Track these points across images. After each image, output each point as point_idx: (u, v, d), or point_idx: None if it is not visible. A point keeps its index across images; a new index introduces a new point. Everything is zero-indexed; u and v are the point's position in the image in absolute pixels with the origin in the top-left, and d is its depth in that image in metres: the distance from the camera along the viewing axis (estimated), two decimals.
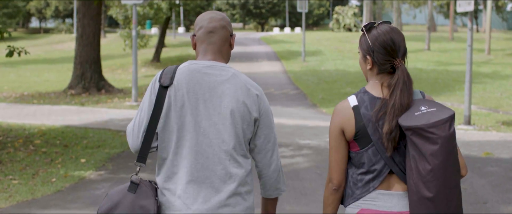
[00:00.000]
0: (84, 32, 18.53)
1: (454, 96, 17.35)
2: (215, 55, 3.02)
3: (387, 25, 2.92)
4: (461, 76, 23.43)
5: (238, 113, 2.91)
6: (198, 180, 2.91)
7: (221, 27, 3.05)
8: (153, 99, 2.94)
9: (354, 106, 2.85)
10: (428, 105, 2.76)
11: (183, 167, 2.92)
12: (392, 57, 2.84)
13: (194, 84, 2.93)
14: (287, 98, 17.73)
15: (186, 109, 2.92)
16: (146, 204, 2.88)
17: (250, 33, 60.06)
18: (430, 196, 2.67)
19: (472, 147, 10.16)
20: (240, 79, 2.97)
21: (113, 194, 2.94)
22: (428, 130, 2.65)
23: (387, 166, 2.83)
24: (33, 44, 50.73)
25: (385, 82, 2.85)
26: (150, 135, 2.93)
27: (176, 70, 2.98)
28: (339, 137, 2.89)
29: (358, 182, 2.89)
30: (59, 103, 16.69)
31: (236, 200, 2.93)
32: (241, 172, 2.95)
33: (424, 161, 2.67)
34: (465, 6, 12.50)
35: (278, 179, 3.06)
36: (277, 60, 32.10)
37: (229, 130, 2.91)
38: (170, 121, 2.93)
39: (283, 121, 13.09)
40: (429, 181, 2.66)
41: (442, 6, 65.76)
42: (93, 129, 12.15)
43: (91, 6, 18.39)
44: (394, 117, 2.76)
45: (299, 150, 9.92)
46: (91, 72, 18.77)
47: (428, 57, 34.02)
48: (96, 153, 9.82)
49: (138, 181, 2.93)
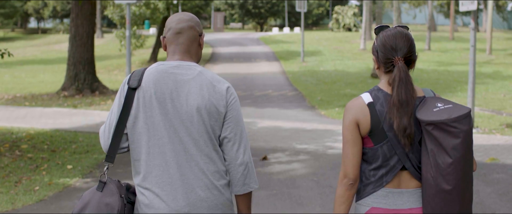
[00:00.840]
0: (77, 32, 18.11)
1: (456, 98, 16.93)
2: (183, 55, 3.08)
3: (395, 29, 3.01)
4: (463, 77, 23.03)
5: (204, 110, 2.96)
6: (174, 177, 2.95)
7: (189, 27, 3.11)
8: (122, 101, 3.00)
9: (369, 102, 2.92)
10: (444, 102, 2.85)
11: (157, 166, 2.96)
12: (392, 55, 2.93)
13: (161, 85, 2.99)
14: (285, 99, 17.32)
15: (155, 109, 2.97)
16: (111, 202, 2.94)
17: (249, 33, 59.65)
18: (449, 189, 2.75)
19: (476, 152, 9.75)
20: (205, 76, 3.03)
21: (85, 194, 3.02)
22: (451, 124, 2.73)
23: (400, 162, 2.89)
24: (30, 44, 50.36)
25: (390, 80, 2.94)
26: (118, 136, 3.00)
27: (144, 72, 3.05)
28: (355, 130, 2.92)
29: (370, 177, 2.94)
30: (51, 105, 16.28)
31: (213, 194, 2.98)
32: (215, 167, 3.00)
33: (444, 154, 2.74)
34: (468, 5, 12.09)
35: (246, 174, 3.03)
36: (276, 61, 31.69)
37: (197, 127, 2.96)
38: (139, 122, 2.98)
39: (280, 124, 12.68)
40: (449, 174, 2.74)
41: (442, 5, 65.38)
42: (83, 132, 11.75)
43: (85, 6, 17.98)
44: (401, 113, 2.84)
45: (296, 156, 9.51)
46: (84, 73, 18.34)
47: (429, 57, 33.61)
48: (84, 158, 9.42)
49: (105, 180, 3.01)
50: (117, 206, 2.94)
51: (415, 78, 22.34)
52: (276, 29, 61.69)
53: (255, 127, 12.44)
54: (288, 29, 60.83)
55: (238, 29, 72.95)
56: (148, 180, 2.98)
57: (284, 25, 68.68)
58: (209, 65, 29.61)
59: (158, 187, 2.96)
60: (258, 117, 13.94)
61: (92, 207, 2.95)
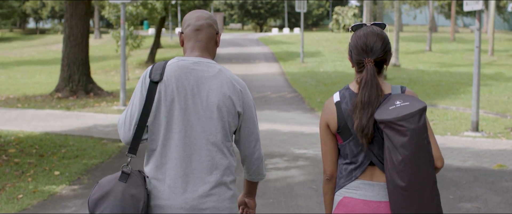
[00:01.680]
0: (71, 32, 17.70)
1: (459, 100, 16.52)
2: (201, 51, 3.16)
3: (368, 28, 3.04)
4: (465, 78, 22.62)
5: (224, 107, 3.06)
6: (187, 170, 3.05)
7: (208, 25, 3.18)
8: (144, 93, 3.07)
9: (337, 101, 3.03)
10: (403, 99, 2.89)
11: (171, 158, 3.06)
12: (363, 57, 2.98)
13: (183, 80, 3.06)
14: (284, 101, 16.90)
15: (175, 103, 3.05)
16: (137, 193, 2.99)
17: (248, 34, 59.24)
18: (403, 185, 2.81)
19: (482, 157, 9.34)
20: (225, 74, 3.11)
21: (104, 183, 3.04)
22: (397, 123, 2.80)
23: (366, 158, 2.98)
24: (28, 45, 49.96)
25: (358, 79, 3.02)
26: (141, 128, 3.08)
27: (165, 66, 3.11)
28: (326, 130, 3.08)
29: (343, 171, 3.06)
30: (44, 107, 15.87)
31: (221, 190, 3.09)
32: (226, 162, 3.12)
33: (396, 152, 2.81)
34: (473, 4, 11.69)
35: (260, 166, 3.27)
36: (275, 62, 31.29)
37: (216, 123, 3.06)
38: (160, 115, 3.07)
39: (278, 128, 12.27)
40: (401, 171, 2.80)
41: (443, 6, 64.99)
42: (74, 136, 11.34)
43: (79, 6, 17.57)
44: (362, 114, 2.92)
45: (294, 161, 9.09)
46: (79, 75, 17.91)
47: (430, 58, 33.22)
48: (73, 164, 9.01)
49: (129, 171, 3.05)
50: (143, 198, 3.00)
51: (417, 80, 21.97)
52: (276, 29, 61.29)
53: None
54: (287, 30, 60.42)
55: (238, 30, 72.52)
56: (161, 171, 3.07)
57: (284, 26, 68.26)
58: None
59: (170, 179, 3.05)
60: None
61: (116, 198, 2.99)
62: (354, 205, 3.01)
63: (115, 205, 2.98)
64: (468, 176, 8.09)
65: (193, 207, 3.06)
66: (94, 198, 3.02)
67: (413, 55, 35.08)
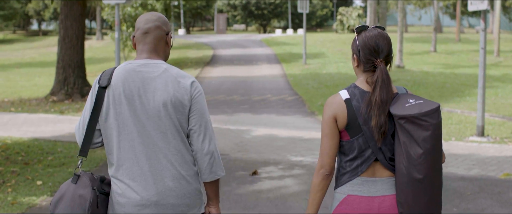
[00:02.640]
0: (66, 34, 17.30)
1: (464, 103, 16.04)
2: (150, 53, 3.24)
3: (376, 30, 3.15)
4: (470, 80, 22.14)
5: (170, 104, 3.14)
6: (144, 169, 3.15)
7: (156, 27, 3.25)
8: (94, 99, 3.18)
9: (346, 99, 3.09)
10: (415, 99, 3.05)
11: (128, 159, 3.15)
12: (374, 57, 3.09)
13: (129, 83, 3.16)
14: (284, 105, 16.45)
15: (124, 106, 3.14)
16: (84, 193, 3.11)
17: (252, 35, 58.79)
18: (420, 178, 2.94)
19: (488, 165, 8.87)
20: (171, 73, 3.19)
21: (62, 186, 3.22)
22: (421, 118, 2.92)
23: (373, 154, 3.08)
24: (29, 46, 49.66)
25: (369, 79, 3.11)
26: (90, 132, 3.19)
27: (113, 71, 3.21)
28: (333, 125, 3.10)
29: (346, 167, 3.12)
30: (37, 111, 15.46)
31: (181, 184, 3.16)
32: (182, 158, 3.18)
33: (415, 146, 2.93)
34: (478, 4, 11.22)
35: (212, 162, 3.22)
36: (277, 63, 30.85)
37: (164, 121, 3.14)
38: (110, 118, 3.16)
39: (276, 133, 11.82)
40: (420, 164, 2.93)
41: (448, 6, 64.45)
42: (63, 142, 10.92)
43: (74, 6, 17.18)
44: (381, 112, 3.02)
45: (290, 170, 8.64)
46: (74, 77, 17.51)
47: (435, 59, 32.73)
48: (58, 172, 8.58)
49: (79, 173, 3.19)
50: (89, 198, 3.10)
51: (421, 82, 21.49)
52: (280, 30, 60.82)
53: (249, 135, 11.59)
54: (291, 31, 59.96)
55: (241, 31, 72.10)
56: (120, 171, 3.17)
57: (287, 27, 67.79)
58: (208, 68, 28.78)
59: (129, 178, 3.15)
60: (253, 124, 13.09)
61: (67, 199, 3.11)
62: (359, 202, 3.10)
63: (66, 205, 3.12)
64: (473, 187, 7.63)
65: (154, 203, 3.15)
66: (53, 201, 3.18)
67: (418, 56, 34.59)
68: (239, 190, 7.54)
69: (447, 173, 8.27)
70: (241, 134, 11.70)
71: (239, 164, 8.96)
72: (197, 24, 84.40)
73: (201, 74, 26.16)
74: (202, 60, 33.16)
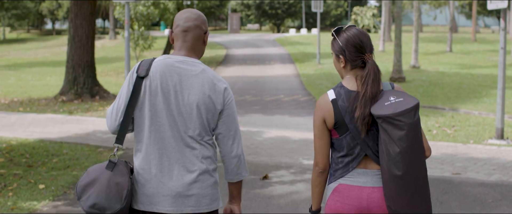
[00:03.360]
0: (76, 33, 17.06)
1: (481, 104, 15.63)
2: (188, 51, 3.31)
3: (354, 28, 3.25)
4: (487, 81, 21.70)
5: (203, 105, 3.22)
6: (171, 161, 3.24)
7: (195, 26, 3.32)
8: (131, 88, 3.24)
9: (332, 99, 3.18)
10: (396, 95, 3.10)
11: (156, 150, 3.24)
12: (362, 53, 3.18)
13: (167, 77, 3.23)
14: (297, 105, 16.12)
15: (159, 98, 3.22)
16: (121, 181, 3.18)
17: (265, 35, 58.47)
18: (400, 174, 3.02)
19: (510, 170, 8.49)
20: (208, 74, 3.27)
21: (91, 171, 3.24)
22: (395, 118, 3.00)
23: (362, 150, 3.18)
24: (42, 46, 49.62)
25: (359, 75, 3.18)
26: (126, 120, 3.26)
27: (152, 63, 3.28)
28: (321, 126, 3.23)
29: (339, 163, 3.24)
30: (46, 111, 15.22)
31: (205, 177, 3.28)
32: (207, 153, 3.29)
33: (393, 144, 3.02)
34: (497, 3, 10.83)
35: (239, 165, 3.35)
36: (291, 63, 30.52)
37: (194, 119, 3.23)
38: (144, 108, 3.24)
39: (288, 135, 11.49)
40: (398, 161, 3.02)
41: (463, 6, 63.82)
42: (69, 143, 10.64)
43: (84, 5, 16.93)
44: (366, 105, 3.10)
45: (302, 174, 8.30)
46: (84, 77, 17.26)
47: (450, 59, 32.27)
48: (61, 176, 8.29)
49: (116, 161, 3.25)
50: (127, 186, 3.17)
51: (437, 82, 21.08)
52: (293, 30, 60.41)
53: (260, 137, 11.26)
54: (305, 30, 59.54)
55: (255, 31, 71.78)
56: (147, 161, 3.25)
57: (301, 26, 67.38)
58: (221, 67, 28.49)
59: (156, 169, 3.24)
60: (265, 125, 12.77)
61: (102, 184, 3.16)
62: (350, 190, 3.19)
63: (101, 191, 3.16)
64: (494, 193, 7.26)
65: (179, 194, 3.24)
66: (81, 184, 3.20)
67: (433, 56, 34.13)
68: (249, 195, 7.22)
69: (467, 179, 7.92)
70: (252, 136, 11.38)
71: (250, 168, 8.64)
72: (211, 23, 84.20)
73: None
74: (214, 59, 32.88)
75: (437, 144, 10.49)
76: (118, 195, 3.16)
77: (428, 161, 8.98)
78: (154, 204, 3.25)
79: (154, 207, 3.26)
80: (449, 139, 11.04)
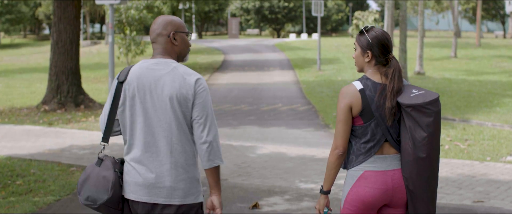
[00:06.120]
0: (59, 38, 15.93)
1: (494, 114, 14.48)
2: (161, 54, 3.64)
3: (380, 28, 3.65)
4: (497, 88, 20.59)
5: (175, 99, 3.50)
6: (148, 154, 3.54)
7: (158, 34, 3.64)
8: (112, 93, 3.63)
9: (361, 89, 3.56)
10: (417, 89, 3.55)
11: (137, 145, 3.57)
12: (388, 52, 3.61)
13: (142, 79, 3.56)
14: (295, 115, 14.98)
15: (136, 99, 3.56)
16: (107, 175, 3.57)
17: (265, 40, 57.37)
18: (424, 156, 3.47)
19: None
20: (178, 70, 3.55)
21: (87, 168, 3.67)
22: (425, 106, 3.43)
23: (383, 136, 3.56)
24: (37, 51, 48.50)
25: (382, 71, 3.60)
26: (110, 121, 3.66)
27: (130, 68, 3.64)
28: (348, 112, 3.55)
29: (361, 149, 3.58)
30: (25, 122, 14.10)
31: (178, 171, 3.52)
32: (182, 148, 3.52)
33: (420, 130, 3.45)
34: None
35: (210, 151, 3.50)
36: (290, 69, 29.43)
37: (170, 113, 3.51)
38: (125, 110, 3.60)
39: (284, 150, 10.35)
40: (425, 145, 3.45)
41: (467, 11, 62.79)
42: (39, 161, 9.52)
43: (68, 8, 15.81)
44: (394, 97, 3.52)
45: (298, 201, 7.14)
46: (68, 85, 16.12)
47: (456, 65, 31.17)
48: (21, 203, 7.18)
49: (103, 157, 3.66)
50: (112, 179, 3.55)
51: (444, 90, 19.96)
52: (294, 35, 59.37)
53: (253, 154, 10.13)
54: (306, 35, 58.50)
55: (255, 35, 70.74)
56: (130, 155, 3.59)
57: (302, 31, 66.32)
58: (218, 74, 27.39)
59: (135, 162, 3.56)
60: (260, 139, 11.65)
61: (92, 179, 3.58)
62: (376, 176, 3.55)
63: (91, 185, 3.57)
64: None
65: (152, 185, 3.51)
66: (80, 181, 3.62)
67: (438, 61, 33.04)
68: None
69: (491, 209, 6.78)
70: (245, 152, 10.25)
71: (238, 193, 7.51)
72: (211, 28, 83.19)
73: (209, 80, 24.78)
74: (211, 65, 31.80)
75: (451, 162, 9.36)
76: (104, 187, 3.53)
77: (445, 185, 7.84)
78: (133, 193, 3.55)
79: (132, 195, 3.55)
80: (463, 155, 9.92)
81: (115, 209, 3.57)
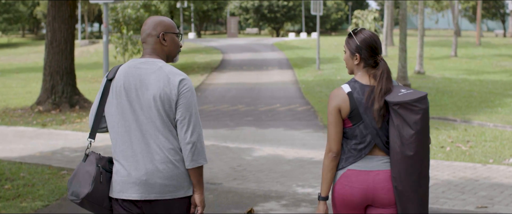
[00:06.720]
0: (54, 37, 15.67)
1: (496, 115, 14.23)
2: (149, 54, 3.71)
3: (368, 31, 3.68)
4: (498, 88, 20.34)
5: (159, 99, 3.55)
6: (136, 151, 3.57)
7: (147, 35, 3.72)
8: (101, 90, 3.70)
9: (348, 92, 3.62)
10: (406, 89, 3.59)
11: (124, 142, 3.60)
12: (376, 54, 3.66)
13: (129, 77, 3.62)
14: (294, 116, 14.73)
15: (123, 96, 3.61)
16: (90, 170, 3.62)
17: (264, 39, 57.13)
18: (411, 154, 3.47)
19: None
20: (164, 70, 3.60)
21: (77, 165, 3.70)
22: (413, 104, 3.47)
23: (373, 138, 3.59)
24: (35, 50, 48.22)
25: (371, 73, 3.65)
26: (98, 118, 3.72)
27: (119, 67, 3.72)
28: (337, 115, 3.63)
29: (352, 150, 3.63)
30: (18, 123, 13.85)
31: (168, 167, 3.55)
32: (170, 144, 3.56)
33: (408, 127, 3.47)
34: None
35: (194, 151, 3.55)
36: (289, 69, 29.17)
37: (154, 111, 3.56)
38: (112, 106, 3.65)
39: (281, 153, 10.10)
40: (412, 143, 3.46)
41: (467, 9, 62.56)
42: (30, 164, 9.26)
43: (62, 7, 15.54)
44: (381, 98, 3.56)
45: (295, 207, 6.88)
46: (62, 85, 15.85)
47: (456, 64, 30.91)
48: (8, 208, 6.93)
49: (89, 153, 3.69)
50: (93, 173, 3.59)
51: (445, 90, 19.71)
52: (293, 34, 59.11)
53: (249, 156, 9.87)
54: (305, 34, 58.23)
55: (254, 35, 70.51)
56: (117, 153, 3.63)
57: (301, 30, 66.08)
58: (216, 74, 27.14)
59: (123, 159, 3.60)
60: (257, 140, 11.40)
61: (79, 174, 3.64)
62: (357, 175, 3.59)
63: (77, 180, 3.63)
64: None
65: (143, 182, 3.54)
66: (70, 179, 3.68)
67: (438, 61, 32.79)
68: None
69: None
70: (241, 154, 9.99)
71: (233, 198, 7.25)
72: (210, 27, 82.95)
73: (207, 80, 24.52)
74: (209, 65, 31.55)
75: (453, 164, 9.11)
76: (86, 181, 3.57)
77: (447, 189, 7.59)
78: (123, 192, 3.57)
79: (122, 195, 3.57)
80: (465, 157, 9.67)
81: (100, 205, 3.61)
